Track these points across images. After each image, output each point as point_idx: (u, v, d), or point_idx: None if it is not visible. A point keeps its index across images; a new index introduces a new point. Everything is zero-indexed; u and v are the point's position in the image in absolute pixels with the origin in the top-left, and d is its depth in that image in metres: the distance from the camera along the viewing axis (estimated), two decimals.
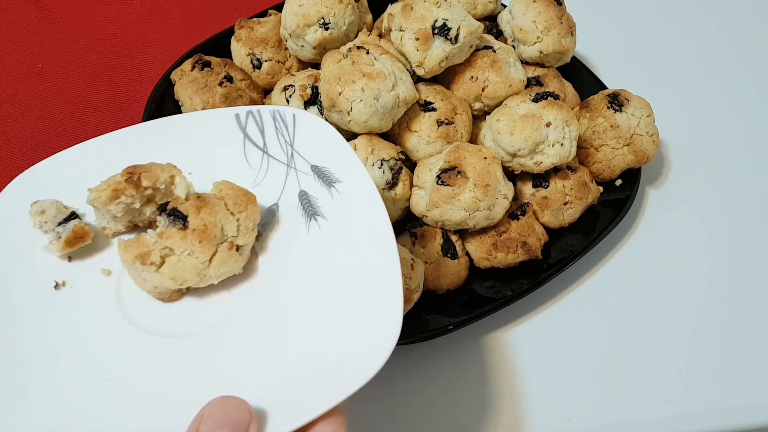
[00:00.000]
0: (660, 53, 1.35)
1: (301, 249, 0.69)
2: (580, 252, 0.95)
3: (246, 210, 0.67)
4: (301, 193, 0.72)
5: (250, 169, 0.75)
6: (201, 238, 0.64)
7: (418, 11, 0.95)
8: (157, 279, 0.64)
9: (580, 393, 0.91)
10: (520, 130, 0.93)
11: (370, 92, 0.89)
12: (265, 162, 0.75)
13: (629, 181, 1.04)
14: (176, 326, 0.65)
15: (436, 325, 0.89)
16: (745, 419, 0.90)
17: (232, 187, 0.68)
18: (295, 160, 0.74)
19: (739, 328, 0.97)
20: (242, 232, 0.66)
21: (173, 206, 0.66)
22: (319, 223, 0.70)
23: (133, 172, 0.67)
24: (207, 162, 0.74)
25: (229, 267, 0.66)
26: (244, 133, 0.76)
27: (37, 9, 1.33)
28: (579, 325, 0.97)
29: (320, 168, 0.73)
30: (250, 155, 0.75)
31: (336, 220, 0.69)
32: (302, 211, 0.71)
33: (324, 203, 0.71)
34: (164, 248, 0.64)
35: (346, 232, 0.68)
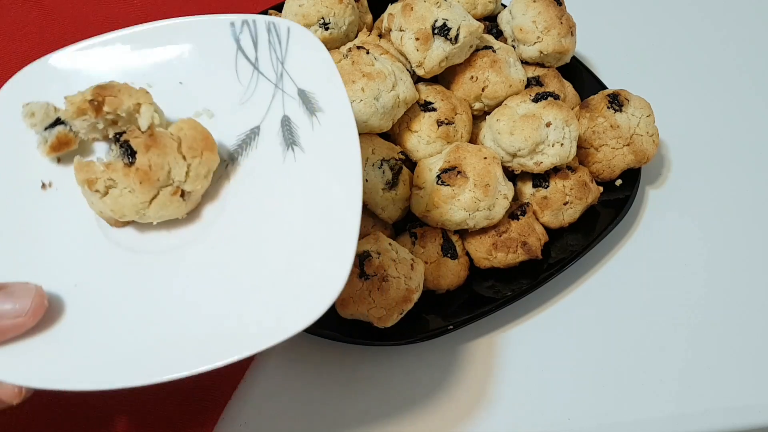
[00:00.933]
0: (660, 53, 1.35)
1: (273, 179, 0.67)
2: (580, 252, 0.95)
3: (201, 156, 0.65)
4: (284, 119, 0.70)
5: (239, 84, 0.72)
6: (142, 179, 0.63)
7: (418, 11, 0.95)
8: (100, 206, 0.65)
9: (580, 393, 0.91)
10: (520, 130, 0.93)
11: (370, 92, 0.89)
12: (255, 79, 0.72)
13: (629, 181, 1.04)
14: (144, 243, 0.66)
15: (436, 325, 0.89)
16: (745, 419, 0.89)
17: (194, 128, 0.66)
18: (283, 80, 0.71)
19: (739, 328, 0.97)
20: (191, 179, 0.65)
21: (126, 138, 0.65)
22: (296, 154, 0.68)
23: (100, 93, 0.66)
24: (199, 71, 0.72)
25: (169, 211, 0.66)
26: (238, 44, 0.73)
27: (37, 9, 1.32)
28: (579, 325, 0.97)
29: (306, 93, 0.70)
30: (241, 69, 0.72)
31: (311, 154, 0.67)
32: (282, 139, 0.69)
33: (304, 132, 0.68)
34: (109, 179, 0.64)
35: (318, 168, 0.66)
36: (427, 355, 0.93)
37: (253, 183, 0.68)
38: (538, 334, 0.96)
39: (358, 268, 0.85)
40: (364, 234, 0.93)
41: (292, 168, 0.67)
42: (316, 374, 0.91)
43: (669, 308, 0.99)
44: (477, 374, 0.92)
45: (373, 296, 0.84)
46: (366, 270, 0.85)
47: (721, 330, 0.97)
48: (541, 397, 0.90)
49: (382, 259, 0.86)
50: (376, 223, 0.96)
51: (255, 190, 0.68)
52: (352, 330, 0.88)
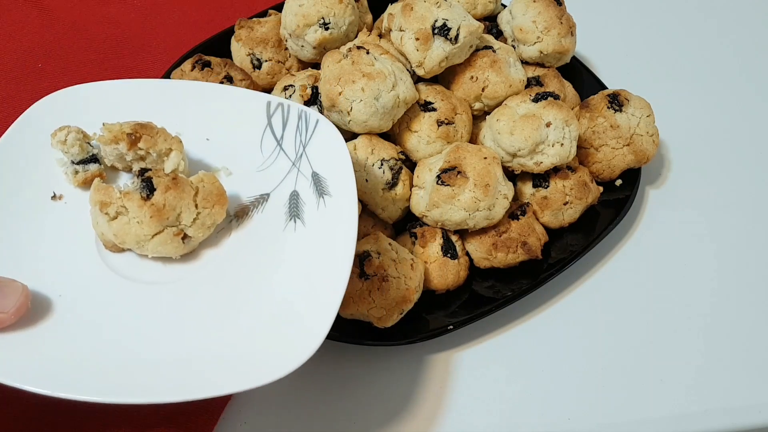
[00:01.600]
0: (660, 53, 1.35)
1: (271, 241, 0.74)
2: (580, 252, 0.95)
3: (212, 209, 0.72)
4: (293, 194, 0.78)
5: (261, 154, 0.81)
6: (153, 214, 0.69)
7: (418, 11, 0.95)
8: (105, 228, 0.70)
9: (580, 393, 0.91)
10: (520, 130, 0.93)
11: (370, 92, 0.89)
12: (276, 153, 0.81)
13: (629, 181, 1.04)
14: (137, 272, 0.72)
15: (436, 325, 0.89)
16: (745, 419, 0.89)
17: (213, 183, 0.73)
18: (301, 161, 0.79)
19: (739, 328, 0.97)
20: (197, 226, 0.71)
21: (150, 175, 0.71)
22: (296, 226, 0.75)
23: (138, 130, 0.74)
24: (227, 134, 0.80)
25: (166, 249, 0.71)
26: (269, 121, 0.82)
27: (37, 9, 1.32)
28: (579, 325, 0.97)
29: (320, 176, 0.78)
30: (266, 142, 0.81)
31: (311, 229, 0.74)
32: (287, 210, 0.76)
33: (309, 209, 0.75)
34: (122, 206, 0.70)
35: (314, 243, 0.72)
36: (427, 355, 0.93)
37: (251, 241, 0.74)
38: (538, 334, 0.96)
39: (358, 268, 0.85)
40: (364, 234, 0.93)
41: (290, 237, 0.74)
42: (316, 374, 0.91)
43: (669, 308, 0.99)
44: (477, 374, 0.92)
45: (373, 296, 0.84)
46: (366, 270, 0.85)
47: (721, 330, 0.97)
48: (541, 397, 0.90)
49: (382, 259, 0.86)
50: (376, 223, 0.96)
51: (251, 248, 0.74)
52: (352, 330, 0.88)
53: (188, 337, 0.66)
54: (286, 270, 0.71)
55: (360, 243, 0.89)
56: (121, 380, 0.62)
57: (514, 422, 0.88)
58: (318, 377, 0.91)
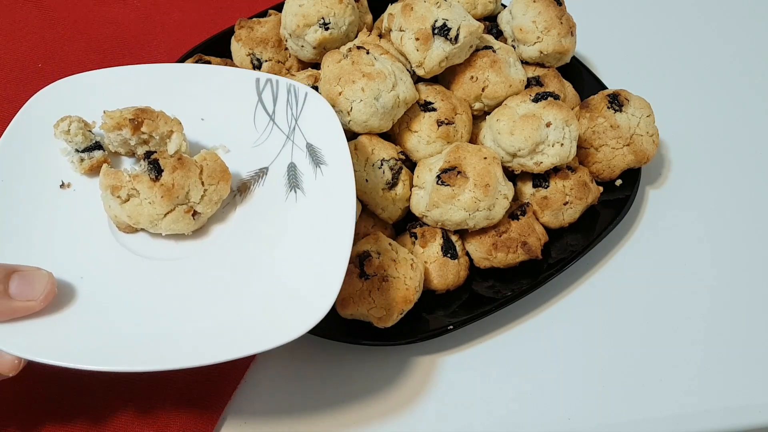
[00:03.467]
0: (660, 53, 1.35)
1: (275, 213, 0.78)
2: (580, 252, 0.95)
3: (217, 185, 0.76)
4: (291, 165, 0.81)
5: (255, 130, 0.83)
6: (163, 194, 0.73)
7: (418, 11, 0.95)
8: (118, 210, 0.74)
9: (580, 393, 0.91)
10: (520, 130, 0.93)
11: (370, 92, 0.89)
12: (269, 128, 0.83)
13: (629, 181, 1.04)
14: (151, 250, 0.75)
15: (436, 325, 0.89)
16: (745, 419, 0.89)
17: (215, 160, 0.76)
18: (295, 134, 0.82)
19: (739, 328, 0.97)
20: (205, 202, 0.75)
21: (156, 157, 0.75)
22: (297, 196, 0.78)
23: (140, 115, 0.77)
24: (220, 113, 0.83)
25: (179, 226, 0.75)
26: (259, 97, 0.84)
27: (37, 9, 1.32)
28: (579, 325, 0.97)
29: (314, 147, 0.81)
30: (259, 118, 0.84)
31: (312, 198, 0.77)
32: (286, 181, 0.80)
33: (307, 179, 0.79)
34: (133, 189, 0.73)
35: (315, 211, 0.76)
36: (427, 355, 0.93)
37: (256, 213, 0.78)
38: (538, 334, 0.96)
39: (358, 268, 0.85)
40: (364, 234, 0.93)
41: (292, 207, 0.77)
42: (316, 374, 0.91)
43: (669, 308, 0.99)
44: (477, 374, 0.92)
45: (373, 296, 0.84)
46: (366, 270, 0.85)
47: (721, 330, 0.97)
48: (541, 397, 0.90)
49: (382, 259, 0.86)
50: (376, 223, 0.96)
51: (256, 220, 0.78)
52: (352, 330, 0.88)
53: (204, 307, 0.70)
54: (291, 238, 0.75)
55: (360, 243, 0.89)
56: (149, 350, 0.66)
57: (514, 422, 0.88)
58: (318, 377, 0.91)
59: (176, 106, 0.81)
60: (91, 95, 0.83)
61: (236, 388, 0.89)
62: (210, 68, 0.86)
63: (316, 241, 0.73)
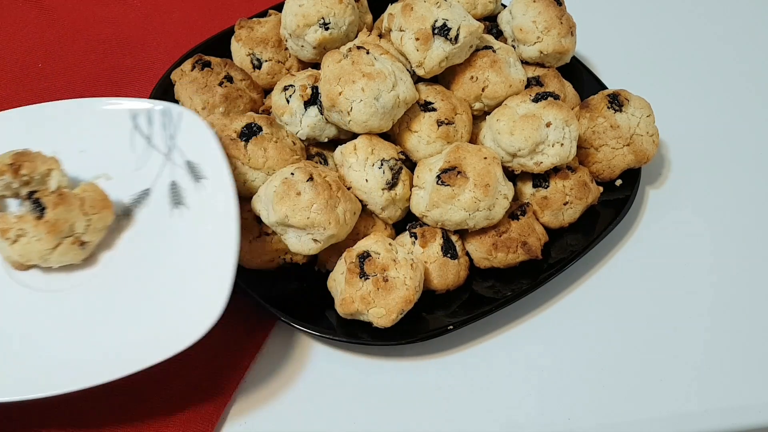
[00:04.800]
0: (660, 53, 1.35)
1: (160, 231, 0.84)
2: (580, 252, 0.95)
3: (100, 213, 0.81)
4: (172, 184, 0.87)
5: (133, 154, 0.89)
6: (49, 230, 0.78)
7: (418, 11, 0.95)
8: (9, 251, 0.79)
9: (580, 393, 0.91)
10: (520, 130, 0.93)
11: (370, 92, 0.89)
12: (147, 151, 0.89)
13: (629, 181, 1.04)
14: (46, 283, 0.81)
15: (436, 325, 0.89)
16: (745, 419, 0.90)
17: (95, 190, 0.82)
18: (173, 153, 0.88)
19: (739, 328, 0.97)
20: (90, 231, 0.80)
21: (38, 196, 0.80)
22: (182, 212, 0.85)
23: (18, 160, 0.81)
24: (98, 143, 0.88)
25: (68, 257, 0.80)
26: (134, 122, 0.89)
27: (37, 9, 1.32)
28: (579, 325, 0.97)
29: (193, 164, 0.87)
30: (136, 142, 0.89)
31: (195, 211, 0.84)
32: (169, 199, 0.86)
33: (189, 195, 0.85)
34: (20, 229, 0.78)
35: (201, 223, 0.82)
36: (427, 354, 0.93)
37: (142, 233, 0.84)
38: (538, 334, 0.96)
39: (358, 267, 0.85)
40: (364, 234, 0.93)
41: (179, 222, 0.84)
42: (316, 374, 0.91)
43: (669, 308, 0.99)
44: (477, 374, 0.92)
45: (373, 296, 0.84)
46: (366, 270, 0.85)
47: (721, 330, 0.97)
48: (541, 397, 0.90)
49: (383, 259, 0.86)
50: (376, 223, 0.96)
51: (144, 240, 0.84)
52: (352, 330, 0.88)
53: (100, 329, 0.77)
54: (179, 251, 0.82)
55: (360, 243, 0.89)
56: (57, 374, 0.73)
57: (514, 422, 0.88)
58: (317, 377, 0.91)
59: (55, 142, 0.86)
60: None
61: (236, 388, 0.89)
62: (83, 102, 0.90)
63: (203, 251, 0.80)
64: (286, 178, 0.86)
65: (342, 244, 0.91)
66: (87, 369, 0.72)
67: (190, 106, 1.03)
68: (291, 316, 0.87)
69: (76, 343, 0.75)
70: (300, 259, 0.95)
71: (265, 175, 0.91)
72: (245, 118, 0.94)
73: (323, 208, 0.84)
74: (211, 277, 0.77)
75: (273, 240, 0.91)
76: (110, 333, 0.76)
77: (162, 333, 0.75)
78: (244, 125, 0.93)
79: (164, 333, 0.75)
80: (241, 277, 0.91)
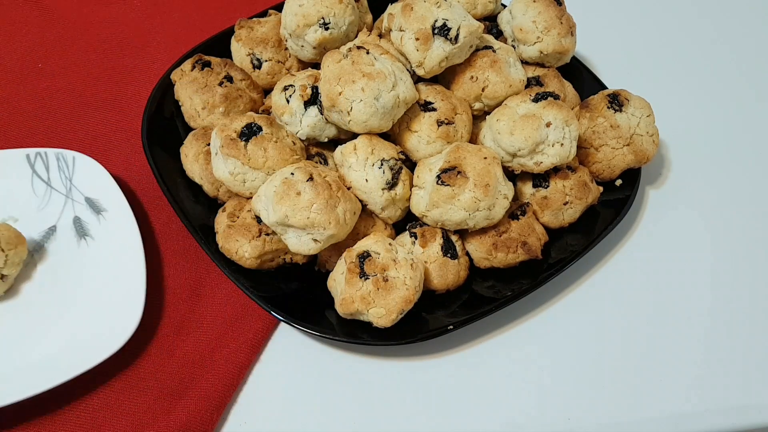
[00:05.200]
0: (660, 53, 1.35)
1: (71, 261, 0.96)
2: (580, 252, 0.95)
3: (15, 248, 0.91)
4: (75, 218, 1.00)
5: (35, 197, 1.01)
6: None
7: (418, 11, 0.95)
8: None
9: (580, 393, 0.91)
10: (520, 130, 0.93)
11: (370, 92, 0.89)
12: (48, 192, 1.01)
13: (629, 181, 1.04)
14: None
15: (436, 324, 0.89)
16: (745, 419, 0.90)
17: (8, 229, 0.92)
18: (72, 192, 1.01)
19: (740, 328, 0.97)
20: (9, 265, 0.90)
21: None
22: (88, 242, 0.98)
23: None
24: (2, 190, 1.00)
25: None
26: (33, 169, 1.02)
27: (37, 9, 1.32)
28: (579, 325, 0.97)
29: (92, 199, 1.00)
30: (37, 186, 1.02)
31: (100, 241, 0.97)
32: (75, 232, 0.99)
33: (93, 227, 0.98)
34: None
35: (106, 250, 0.96)
36: (426, 354, 0.93)
37: (54, 265, 0.96)
38: (538, 334, 0.96)
39: (358, 267, 0.85)
40: (364, 234, 0.93)
41: (86, 252, 0.97)
42: (316, 374, 0.91)
43: (669, 308, 0.99)
44: (477, 374, 0.92)
45: (373, 296, 0.84)
46: (366, 270, 0.85)
47: (721, 330, 0.97)
48: (541, 397, 0.90)
49: (383, 258, 0.86)
50: (376, 223, 0.96)
51: (56, 271, 0.95)
52: (352, 330, 0.88)
53: (23, 349, 0.88)
54: (90, 276, 0.94)
55: (360, 243, 0.89)
56: None
57: (515, 422, 0.88)
58: (317, 377, 0.91)
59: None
60: None
61: (236, 389, 0.89)
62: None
63: (114, 272, 0.93)
64: (286, 178, 0.86)
65: (342, 244, 0.91)
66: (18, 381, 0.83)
67: (190, 106, 1.03)
68: (291, 317, 0.87)
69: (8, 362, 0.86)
70: (300, 259, 0.95)
71: (265, 175, 0.91)
72: (245, 117, 0.94)
73: (323, 208, 0.84)
74: (124, 293, 0.90)
75: (273, 240, 0.91)
76: (31, 350, 0.88)
77: (82, 346, 0.87)
78: (245, 125, 0.93)
79: (85, 346, 0.86)
80: (241, 278, 0.91)
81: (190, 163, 1.00)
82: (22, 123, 1.16)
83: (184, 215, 0.95)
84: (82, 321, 0.90)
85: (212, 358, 0.91)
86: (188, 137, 1.02)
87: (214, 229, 0.95)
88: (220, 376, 0.89)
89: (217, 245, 0.93)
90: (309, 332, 0.89)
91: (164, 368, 0.90)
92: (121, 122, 1.17)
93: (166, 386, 0.89)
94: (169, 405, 0.87)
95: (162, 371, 0.90)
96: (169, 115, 1.07)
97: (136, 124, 1.08)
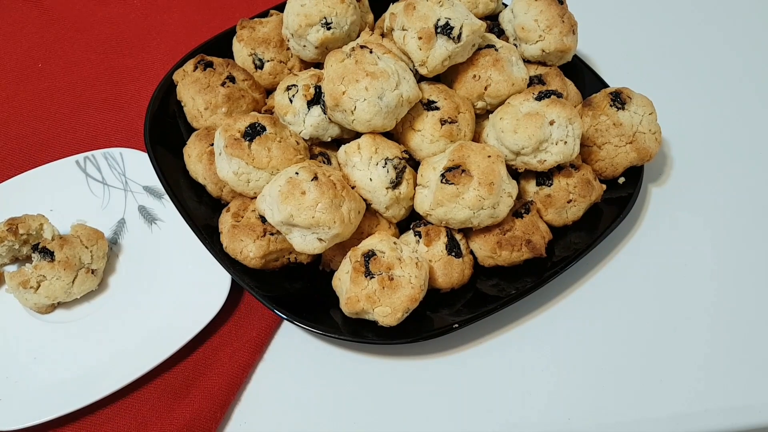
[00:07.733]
0: (662, 51, 1.36)
1: (148, 246, 1.00)
2: (584, 250, 0.95)
3: (97, 243, 0.96)
4: (140, 207, 1.04)
5: (96, 197, 1.05)
6: (65, 267, 0.92)
7: (421, 10, 0.95)
8: (36, 298, 0.92)
9: (580, 393, 0.91)
10: (523, 129, 0.93)
11: (373, 91, 0.89)
12: (107, 191, 1.05)
13: (632, 179, 1.05)
14: (72, 315, 0.94)
15: (440, 323, 0.89)
16: (745, 419, 0.90)
17: (85, 227, 0.97)
18: (129, 185, 1.06)
19: (740, 328, 0.98)
20: (95, 260, 0.95)
21: (43, 246, 0.94)
22: (159, 226, 1.02)
23: (13, 223, 0.94)
24: (64, 199, 1.03)
25: (87, 285, 0.94)
26: (85, 173, 1.06)
27: (37, 9, 1.32)
28: (580, 325, 0.97)
29: (150, 187, 1.05)
30: (94, 188, 1.05)
31: (170, 222, 1.01)
32: (144, 220, 1.03)
33: (159, 211, 1.03)
34: (39, 276, 0.91)
35: (178, 229, 0.97)
36: (431, 353, 0.93)
37: (134, 253, 1.00)
38: (541, 333, 0.96)
39: (363, 266, 0.85)
40: (369, 233, 0.93)
41: (160, 235, 1.01)
42: (320, 373, 0.91)
43: (671, 307, 0.99)
44: (479, 373, 0.92)
45: (378, 295, 0.84)
46: (371, 268, 0.85)
47: (721, 330, 0.97)
48: (541, 397, 0.90)
49: (388, 257, 0.86)
50: (381, 222, 0.96)
51: (138, 258, 1.00)
52: (357, 329, 0.88)
53: (128, 332, 0.92)
54: (171, 257, 0.98)
55: (365, 242, 0.89)
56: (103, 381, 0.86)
57: (515, 421, 0.88)
58: (322, 375, 0.91)
59: (23, 210, 0.97)
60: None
61: (238, 388, 0.89)
62: (38, 171, 1.05)
63: (190, 250, 0.96)
64: (290, 177, 0.86)
65: (346, 244, 0.91)
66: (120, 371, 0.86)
67: (193, 107, 1.03)
68: (296, 316, 0.87)
69: (112, 350, 0.90)
70: (304, 258, 0.94)
71: (269, 175, 0.91)
72: (249, 117, 0.94)
73: (328, 207, 0.84)
74: (207, 267, 0.93)
75: (277, 239, 0.91)
76: (133, 336, 0.91)
77: (177, 323, 0.90)
78: (248, 125, 0.92)
79: (179, 323, 0.90)
80: (246, 277, 0.91)
81: (193, 164, 1.00)
82: (22, 123, 1.15)
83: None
84: (174, 299, 0.94)
85: (216, 357, 0.91)
86: (191, 137, 1.02)
87: (218, 229, 0.95)
88: (224, 374, 0.89)
89: (221, 245, 0.93)
90: (314, 331, 0.89)
91: (168, 366, 0.90)
92: (122, 122, 1.17)
93: (170, 384, 0.89)
94: (173, 403, 0.87)
95: (166, 369, 0.90)
96: (171, 116, 1.07)
97: (136, 124, 1.08)
